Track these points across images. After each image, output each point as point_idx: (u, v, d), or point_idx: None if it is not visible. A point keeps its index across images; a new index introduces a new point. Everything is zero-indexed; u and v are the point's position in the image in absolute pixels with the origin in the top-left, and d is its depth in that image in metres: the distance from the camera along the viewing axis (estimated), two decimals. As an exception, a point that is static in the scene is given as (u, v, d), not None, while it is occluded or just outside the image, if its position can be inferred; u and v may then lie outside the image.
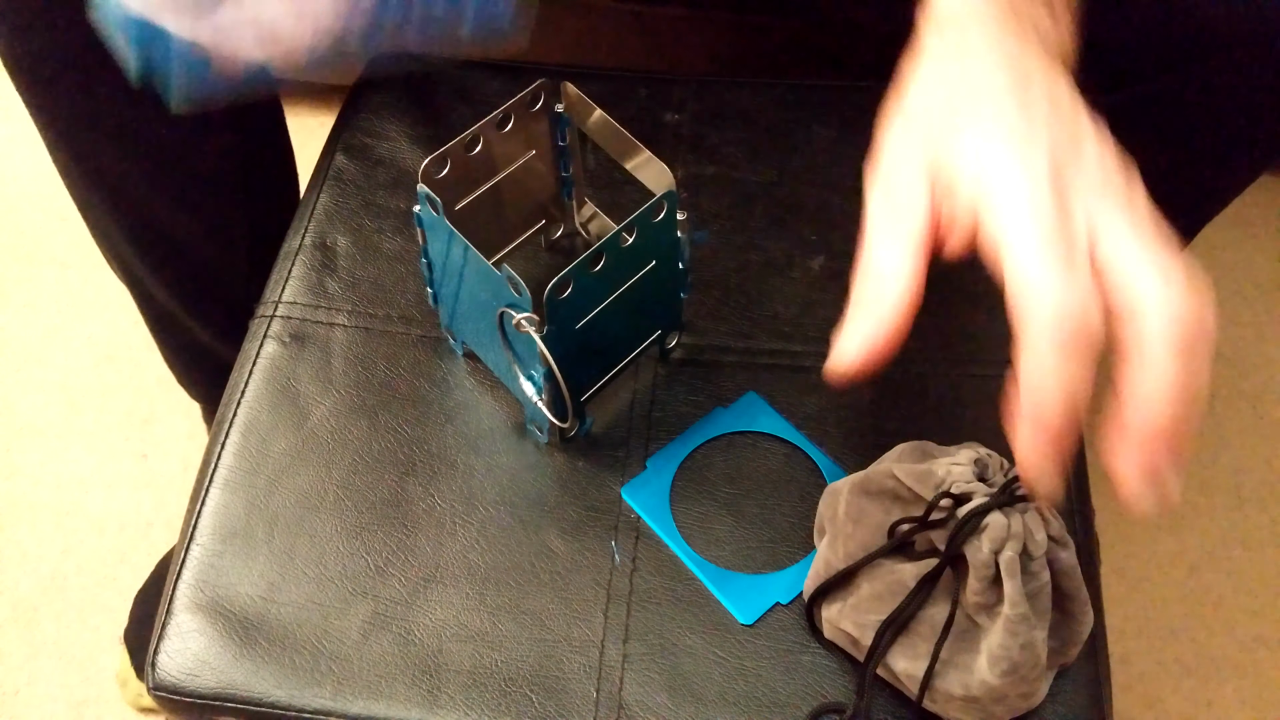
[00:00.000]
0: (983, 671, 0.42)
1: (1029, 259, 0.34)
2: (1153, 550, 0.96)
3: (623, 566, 0.50)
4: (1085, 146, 0.38)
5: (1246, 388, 1.06)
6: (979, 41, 0.40)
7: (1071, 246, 0.34)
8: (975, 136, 0.38)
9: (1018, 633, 0.41)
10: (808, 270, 0.60)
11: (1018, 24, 0.41)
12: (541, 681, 0.47)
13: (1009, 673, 0.42)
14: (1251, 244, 1.17)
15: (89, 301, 1.12)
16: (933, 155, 0.39)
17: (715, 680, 0.47)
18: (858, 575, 0.45)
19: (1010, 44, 0.40)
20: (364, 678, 0.47)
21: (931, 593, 0.43)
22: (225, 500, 0.52)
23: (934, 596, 0.43)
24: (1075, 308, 0.33)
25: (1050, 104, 0.38)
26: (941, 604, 0.43)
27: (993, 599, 0.42)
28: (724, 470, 0.53)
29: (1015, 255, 0.35)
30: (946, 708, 0.44)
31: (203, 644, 0.48)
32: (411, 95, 0.68)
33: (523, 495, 0.52)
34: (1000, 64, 0.39)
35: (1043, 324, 0.34)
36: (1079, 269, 0.34)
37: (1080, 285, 0.34)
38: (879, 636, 0.44)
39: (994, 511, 0.41)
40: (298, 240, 0.62)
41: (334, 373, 0.56)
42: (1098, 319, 0.34)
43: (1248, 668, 0.90)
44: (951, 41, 0.41)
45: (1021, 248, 0.34)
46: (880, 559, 0.44)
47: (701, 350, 0.57)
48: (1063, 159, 0.36)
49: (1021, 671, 0.42)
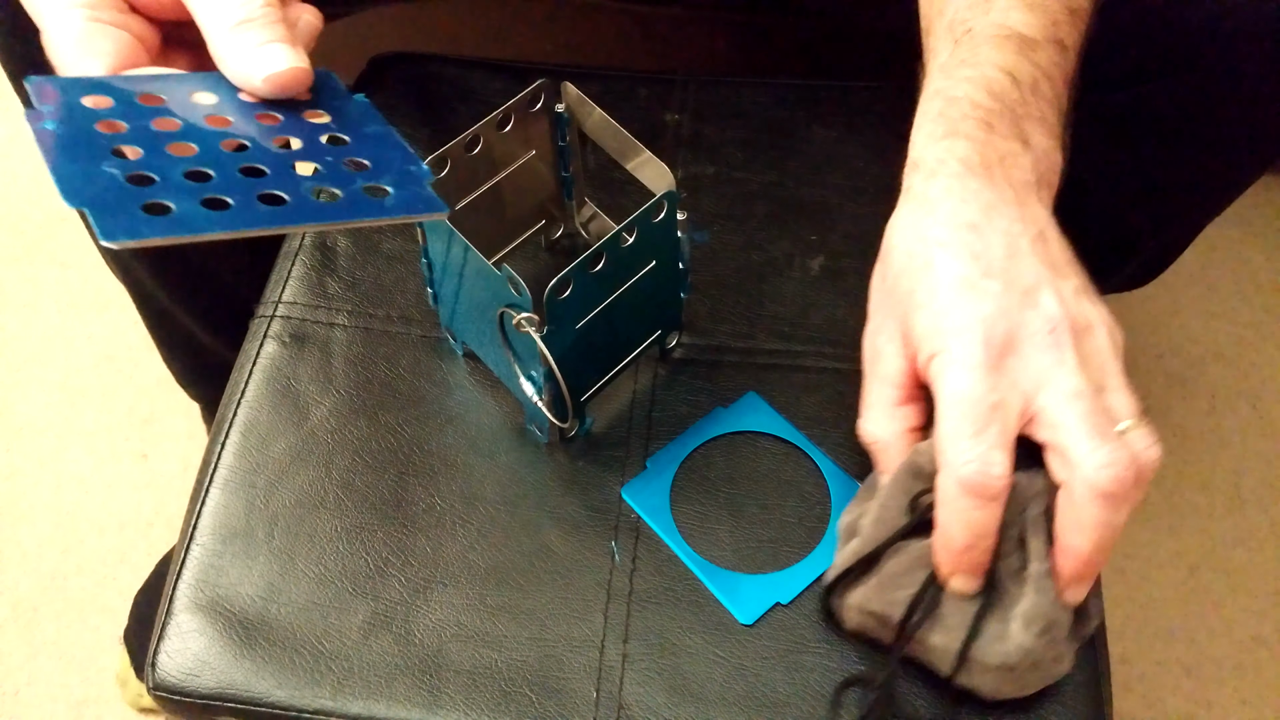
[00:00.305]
0: (1018, 636, 0.42)
1: (946, 428, 0.40)
2: (1153, 550, 0.96)
3: (623, 566, 0.50)
4: (1040, 296, 0.41)
5: (1246, 387, 1.06)
6: (943, 194, 0.43)
7: (990, 418, 0.40)
8: (922, 312, 0.42)
9: (1046, 589, 0.42)
10: (808, 270, 0.60)
11: (986, 170, 0.43)
12: (541, 681, 0.47)
13: (1044, 631, 0.42)
14: (1251, 244, 1.17)
15: (89, 301, 1.12)
16: (900, 325, 0.44)
17: (715, 680, 0.47)
18: (882, 556, 0.45)
19: (976, 192, 0.43)
20: (364, 678, 0.47)
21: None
22: (225, 500, 0.52)
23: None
24: (973, 472, 0.39)
25: (1006, 255, 0.41)
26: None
27: (1018, 563, 0.43)
28: (724, 470, 0.53)
29: (940, 420, 0.41)
30: (982, 680, 0.44)
31: (203, 644, 0.48)
32: (411, 95, 0.68)
33: (523, 495, 0.52)
34: (960, 220, 0.42)
35: (947, 480, 0.40)
36: (987, 438, 0.40)
37: (980, 452, 0.39)
38: (911, 609, 0.44)
39: (1016, 472, 0.41)
40: (297, 240, 0.62)
41: (334, 373, 0.56)
42: (997, 480, 0.40)
43: (1247, 668, 0.90)
44: (919, 192, 0.44)
45: (943, 420, 0.41)
46: (905, 538, 0.45)
47: (701, 350, 0.57)
48: (1005, 325, 0.40)
49: (1054, 631, 0.43)
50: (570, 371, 0.48)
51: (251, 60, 0.39)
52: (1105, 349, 0.41)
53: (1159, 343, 1.10)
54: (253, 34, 0.39)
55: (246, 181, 0.38)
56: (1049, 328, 0.40)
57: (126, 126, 0.38)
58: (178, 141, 0.38)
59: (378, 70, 0.70)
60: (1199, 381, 1.07)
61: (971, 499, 0.40)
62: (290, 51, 0.40)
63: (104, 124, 0.38)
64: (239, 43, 0.39)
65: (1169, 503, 0.99)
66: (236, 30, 0.39)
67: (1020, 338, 0.40)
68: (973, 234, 0.42)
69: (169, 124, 0.39)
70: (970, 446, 0.39)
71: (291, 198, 0.38)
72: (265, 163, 0.39)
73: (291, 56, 0.39)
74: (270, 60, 0.39)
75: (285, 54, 0.39)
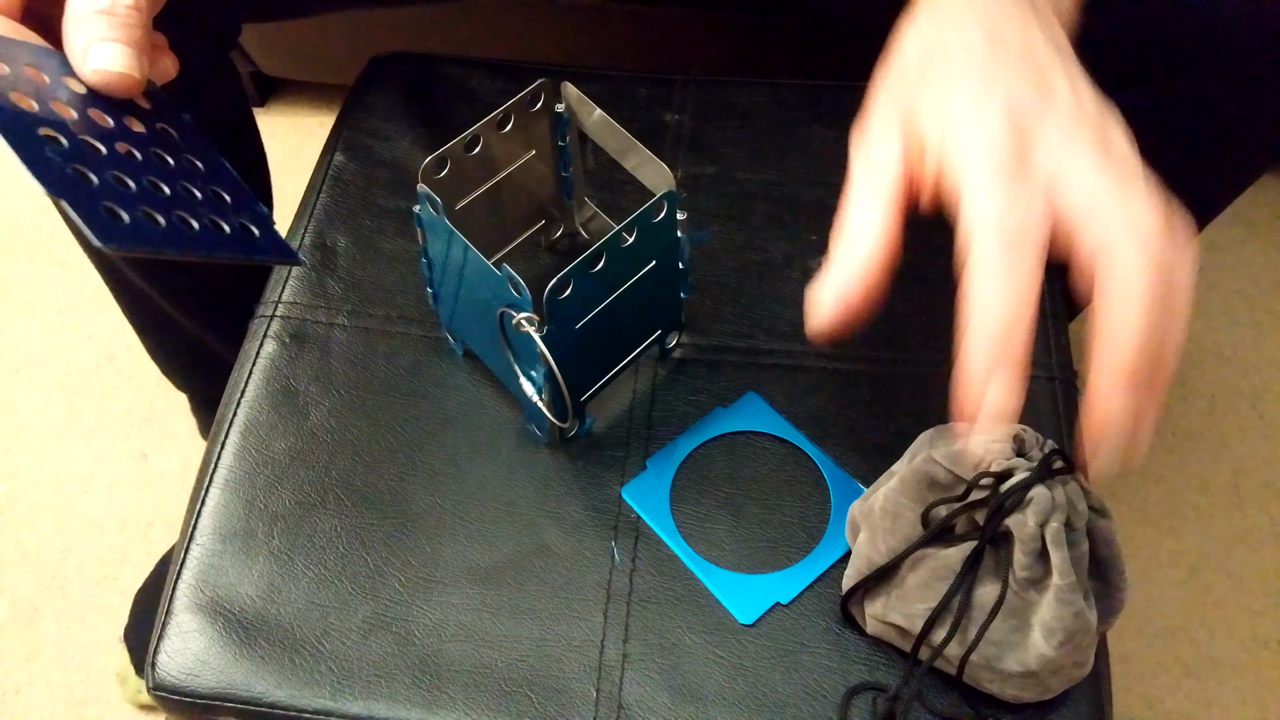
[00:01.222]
0: (1039, 646, 0.42)
1: (978, 184, 0.36)
2: (1153, 550, 0.96)
3: (623, 566, 0.50)
4: (1057, 92, 0.38)
5: (1246, 387, 1.06)
6: (960, 3, 0.41)
7: (1022, 174, 0.35)
8: (940, 91, 0.39)
9: (1069, 601, 0.41)
10: (808, 270, 0.60)
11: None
12: (541, 681, 0.47)
13: (1064, 643, 0.42)
14: (1252, 244, 1.17)
15: (89, 301, 1.12)
16: (905, 113, 0.40)
17: (715, 680, 0.47)
18: (900, 567, 0.45)
19: (991, 4, 0.41)
20: (364, 678, 0.47)
21: (978, 574, 0.43)
22: (225, 500, 0.52)
23: (980, 578, 0.43)
24: (1018, 214, 0.35)
25: (1022, 53, 0.39)
26: (988, 585, 0.43)
27: (1039, 573, 0.42)
28: (724, 470, 0.53)
29: (967, 186, 0.36)
30: (1005, 687, 0.44)
31: (202, 644, 0.48)
32: (411, 95, 0.68)
33: (523, 495, 0.52)
34: (976, 21, 0.40)
35: (986, 230, 0.35)
36: (1026, 186, 0.35)
37: (1025, 197, 0.35)
38: (928, 624, 0.44)
39: (1037, 485, 0.41)
40: (297, 240, 0.62)
41: (334, 373, 0.56)
42: (1041, 227, 0.35)
43: (1248, 668, 0.90)
44: (936, 4, 0.42)
45: (973, 178, 0.36)
46: (922, 548, 0.44)
47: (701, 350, 0.57)
48: (1025, 105, 0.37)
49: (1075, 640, 0.42)
50: (570, 371, 0.48)
51: (95, 48, 0.39)
52: (1120, 137, 0.39)
53: (1159, 343, 1.10)
54: (105, 25, 0.39)
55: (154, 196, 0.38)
56: (1071, 107, 0.38)
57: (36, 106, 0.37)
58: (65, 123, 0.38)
59: (377, 70, 0.70)
60: (1199, 381, 1.07)
61: (1016, 252, 0.35)
62: (134, 57, 0.40)
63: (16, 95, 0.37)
64: (91, 26, 0.39)
65: (1169, 502, 0.99)
66: (94, 15, 0.39)
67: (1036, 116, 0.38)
68: (989, 24, 0.40)
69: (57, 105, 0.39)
70: (1011, 191, 0.35)
71: (165, 220, 0.38)
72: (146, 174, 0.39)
73: (132, 62, 0.40)
74: (110, 56, 0.39)
75: (127, 57, 0.40)
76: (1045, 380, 0.56)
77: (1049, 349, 0.57)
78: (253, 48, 1.16)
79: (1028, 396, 0.52)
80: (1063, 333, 0.58)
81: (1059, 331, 0.58)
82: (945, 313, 0.58)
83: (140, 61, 0.40)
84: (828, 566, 0.50)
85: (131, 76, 0.39)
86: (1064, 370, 0.56)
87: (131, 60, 0.39)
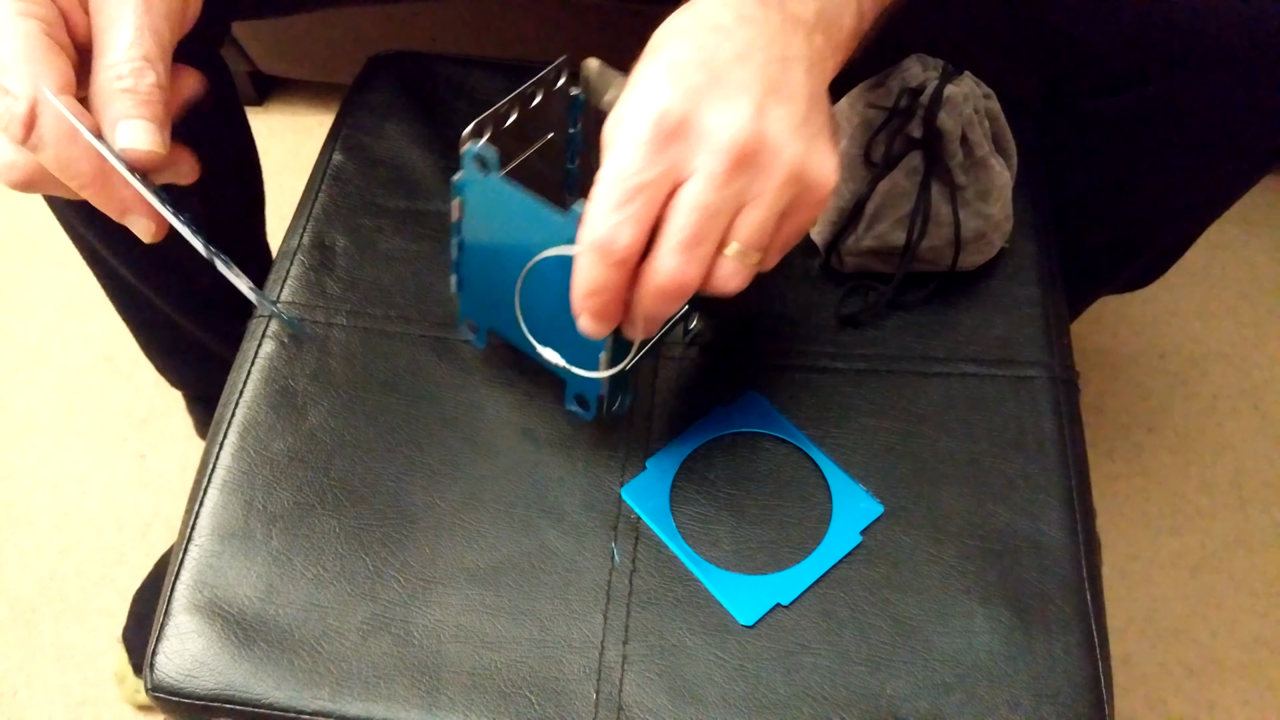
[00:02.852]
0: (983, 209, 0.56)
1: (594, 194, 0.41)
2: (1155, 551, 0.96)
3: (623, 567, 0.50)
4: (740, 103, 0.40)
5: (1248, 387, 1.06)
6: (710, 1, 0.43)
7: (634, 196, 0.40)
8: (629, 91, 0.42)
9: (993, 165, 0.56)
10: (808, 270, 0.60)
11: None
12: (541, 682, 0.47)
13: (997, 198, 0.56)
14: (1252, 244, 1.17)
15: (87, 301, 1.12)
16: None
17: (715, 681, 0.47)
18: (865, 204, 0.56)
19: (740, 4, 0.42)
20: (363, 679, 0.47)
21: (930, 182, 0.55)
22: (224, 500, 0.52)
23: (930, 186, 0.55)
24: (602, 239, 0.40)
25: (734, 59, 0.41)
26: (939, 185, 0.55)
27: (965, 154, 0.55)
28: (724, 470, 0.53)
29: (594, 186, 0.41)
30: (964, 257, 0.58)
31: (201, 645, 0.48)
32: (410, 94, 0.68)
33: (522, 496, 0.52)
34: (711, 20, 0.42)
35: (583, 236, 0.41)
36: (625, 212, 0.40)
37: (613, 223, 0.40)
38: (910, 227, 0.55)
39: (948, 85, 0.53)
40: (296, 240, 0.61)
41: (332, 373, 0.56)
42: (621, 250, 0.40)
43: (1250, 669, 0.90)
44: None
45: (596, 184, 0.41)
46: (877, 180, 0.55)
47: (701, 350, 0.57)
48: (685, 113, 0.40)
49: (1004, 195, 0.57)
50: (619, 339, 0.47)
51: (122, 125, 0.42)
52: (776, 183, 0.40)
53: (1160, 343, 1.10)
54: (133, 106, 0.41)
55: None
56: (729, 134, 0.39)
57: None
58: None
59: (376, 69, 0.70)
60: (1201, 382, 1.07)
61: (597, 258, 0.41)
62: (158, 133, 0.42)
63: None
64: (118, 107, 0.41)
65: (1171, 503, 0.99)
66: (120, 93, 0.41)
67: (695, 134, 0.40)
68: (714, 34, 0.41)
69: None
70: (606, 217, 0.40)
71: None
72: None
73: (157, 139, 0.42)
74: (138, 134, 0.42)
75: (152, 134, 0.42)
76: (1045, 380, 0.56)
77: (1049, 349, 0.57)
78: (251, 47, 1.15)
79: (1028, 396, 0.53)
80: (1063, 333, 0.58)
81: (1059, 331, 0.58)
82: (945, 314, 0.58)
83: (164, 136, 0.43)
84: (829, 567, 0.50)
85: (157, 152, 0.42)
86: (1064, 370, 0.56)
87: (156, 137, 0.42)
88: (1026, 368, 0.56)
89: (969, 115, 0.54)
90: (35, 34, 0.40)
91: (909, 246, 0.56)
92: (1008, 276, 0.60)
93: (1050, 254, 0.61)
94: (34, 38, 0.40)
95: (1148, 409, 1.05)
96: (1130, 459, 1.01)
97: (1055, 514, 0.51)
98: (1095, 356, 1.09)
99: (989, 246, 0.58)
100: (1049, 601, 0.49)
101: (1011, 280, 0.60)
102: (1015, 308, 0.59)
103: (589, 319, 0.43)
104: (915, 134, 0.55)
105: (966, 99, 0.53)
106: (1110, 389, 1.07)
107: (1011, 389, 0.55)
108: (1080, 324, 0.92)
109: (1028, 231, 0.62)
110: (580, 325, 0.43)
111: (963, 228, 0.56)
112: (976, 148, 0.55)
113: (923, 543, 0.50)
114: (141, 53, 0.41)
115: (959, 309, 0.58)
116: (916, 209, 0.55)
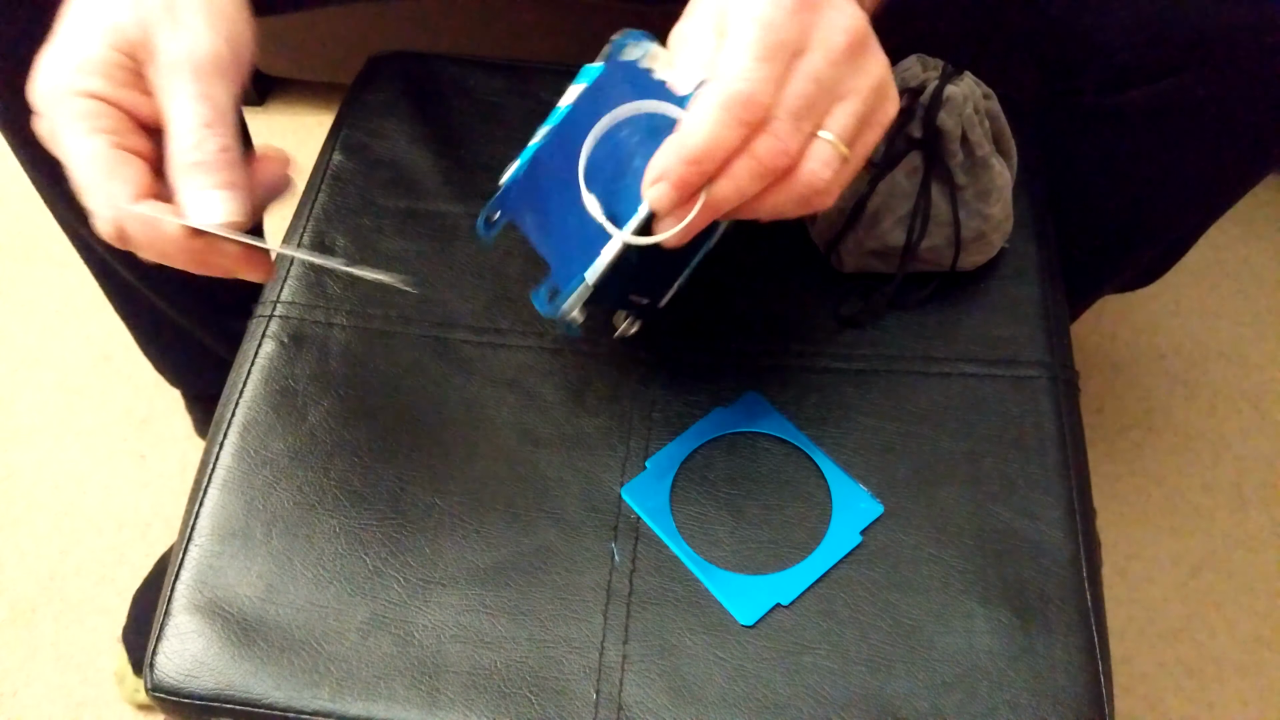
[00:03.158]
0: (983, 209, 0.56)
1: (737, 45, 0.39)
2: (1154, 551, 0.96)
3: (623, 567, 0.50)
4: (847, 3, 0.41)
5: (1248, 387, 1.06)
6: None
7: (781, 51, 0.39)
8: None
9: (993, 165, 0.56)
10: (808, 270, 0.60)
11: None
12: (541, 682, 0.47)
13: (998, 199, 0.56)
14: (1253, 243, 1.17)
15: (87, 301, 1.12)
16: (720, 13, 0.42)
17: (715, 681, 0.47)
18: (866, 204, 0.56)
19: None
20: (363, 679, 0.47)
21: (930, 182, 0.56)
22: (223, 500, 0.52)
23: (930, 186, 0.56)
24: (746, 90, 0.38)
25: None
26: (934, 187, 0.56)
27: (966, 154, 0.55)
28: (724, 470, 0.53)
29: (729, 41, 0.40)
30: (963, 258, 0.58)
31: (201, 645, 0.48)
32: (410, 94, 0.68)
33: (522, 496, 0.52)
34: None
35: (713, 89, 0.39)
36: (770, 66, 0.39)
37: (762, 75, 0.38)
38: (910, 232, 0.56)
39: (949, 86, 0.53)
40: (296, 240, 0.61)
41: (332, 373, 0.56)
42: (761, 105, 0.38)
43: (1249, 669, 0.90)
44: None
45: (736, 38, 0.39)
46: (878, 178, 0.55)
47: (701, 350, 0.57)
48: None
49: (1004, 195, 0.57)
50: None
51: (196, 201, 0.41)
52: (870, 83, 0.40)
53: (1161, 343, 1.10)
54: (202, 177, 0.41)
55: None
56: (849, 22, 0.40)
57: None
58: None
59: (377, 69, 0.70)
60: (1201, 382, 1.07)
61: (732, 114, 0.39)
62: (230, 202, 0.41)
63: None
64: (190, 182, 0.41)
65: (1171, 503, 0.99)
66: (191, 170, 0.41)
67: (821, 10, 0.40)
68: None
69: None
70: (755, 67, 0.38)
71: None
72: None
73: (230, 208, 0.41)
74: (210, 207, 0.41)
75: (225, 203, 0.41)
76: (1045, 380, 0.56)
77: (1049, 349, 0.57)
78: (252, 47, 1.15)
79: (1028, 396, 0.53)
80: (1063, 333, 0.58)
81: (1059, 331, 0.58)
82: (945, 314, 0.58)
83: (242, 201, 0.42)
84: (829, 567, 0.50)
85: (237, 221, 0.42)
86: (1064, 370, 0.56)
87: (233, 204, 0.41)
88: (1026, 368, 0.56)
89: (969, 115, 0.54)
90: (104, 150, 0.40)
91: (909, 246, 0.56)
92: (1008, 276, 0.60)
93: (1050, 254, 0.61)
94: (103, 155, 0.40)
95: (1148, 409, 1.05)
96: (1130, 459, 1.01)
97: (1055, 514, 0.51)
98: (1095, 356, 1.09)
99: (989, 246, 0.58)
100: (1049, 601, 0.49)
101: (1011, 280, 0.60)
102: (1015, 308, 0.59)
103: (671, 190, 0.40)
104: (915, 134, 0.55)
105: (966, 99, 0.54)
106: (1110, 389, 1.07)
107: (1011, 389, 0.55)
108: (1080, 324, 0.92)
109: (1028, 232, 0.62)
110: (652, 197, 0.40)
111: (963, 228, 0.56)
112: (977, 148, 0.55)
113: (923, 543, 0.50)
114: (201, 121, 0.41)
115: (959, 309, 0.58)
116: (916, 209, 0.56)
